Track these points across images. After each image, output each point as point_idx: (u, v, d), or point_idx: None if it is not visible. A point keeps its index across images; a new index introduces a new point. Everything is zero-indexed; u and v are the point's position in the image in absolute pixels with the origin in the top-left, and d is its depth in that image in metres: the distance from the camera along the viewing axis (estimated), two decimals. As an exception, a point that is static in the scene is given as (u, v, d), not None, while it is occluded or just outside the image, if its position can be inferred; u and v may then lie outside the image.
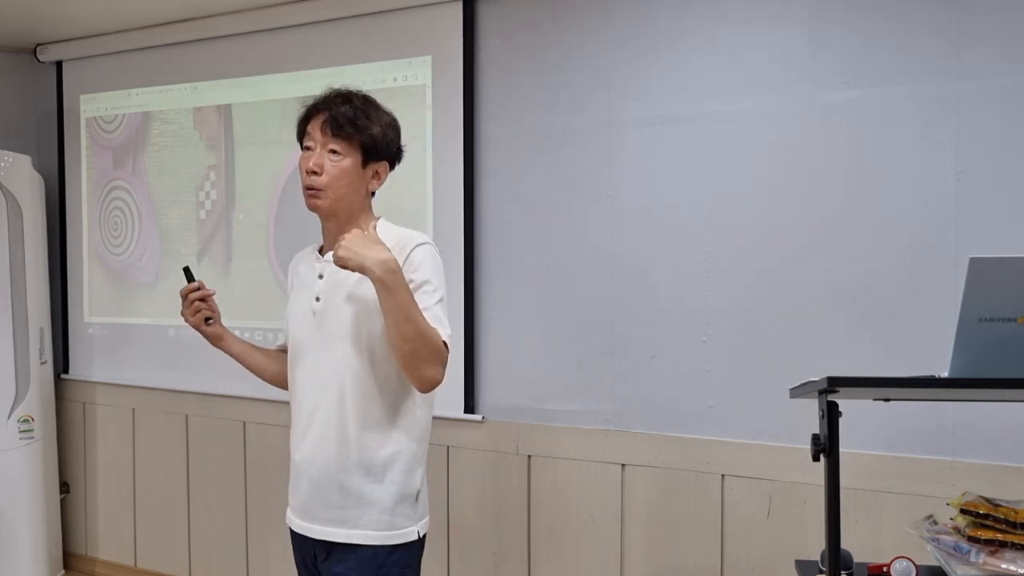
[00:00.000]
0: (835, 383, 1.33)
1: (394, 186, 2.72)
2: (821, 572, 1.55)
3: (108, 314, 3.60)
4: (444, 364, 1.61)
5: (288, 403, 1.80)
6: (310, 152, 1.69)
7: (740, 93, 2.36)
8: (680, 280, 2.45)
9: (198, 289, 1.79)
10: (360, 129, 1.67)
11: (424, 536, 1.73)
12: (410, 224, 1.81)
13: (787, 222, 2.31)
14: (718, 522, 2.41)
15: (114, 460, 3.59)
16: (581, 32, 2.58)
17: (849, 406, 1.45)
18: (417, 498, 1.71)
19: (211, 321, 1.81)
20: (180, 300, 1.79)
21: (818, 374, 1.38)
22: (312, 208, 1.71)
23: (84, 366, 3.67)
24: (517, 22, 2.68)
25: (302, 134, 1.73)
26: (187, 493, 3.40)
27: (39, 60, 3.68)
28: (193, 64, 3.33)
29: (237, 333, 1.90)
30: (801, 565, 1.78)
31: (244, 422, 3.24)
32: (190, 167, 3.37)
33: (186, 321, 1.80)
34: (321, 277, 1.73)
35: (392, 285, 1.51)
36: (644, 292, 2.50)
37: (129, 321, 3.53)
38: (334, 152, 1.67)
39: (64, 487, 3.70)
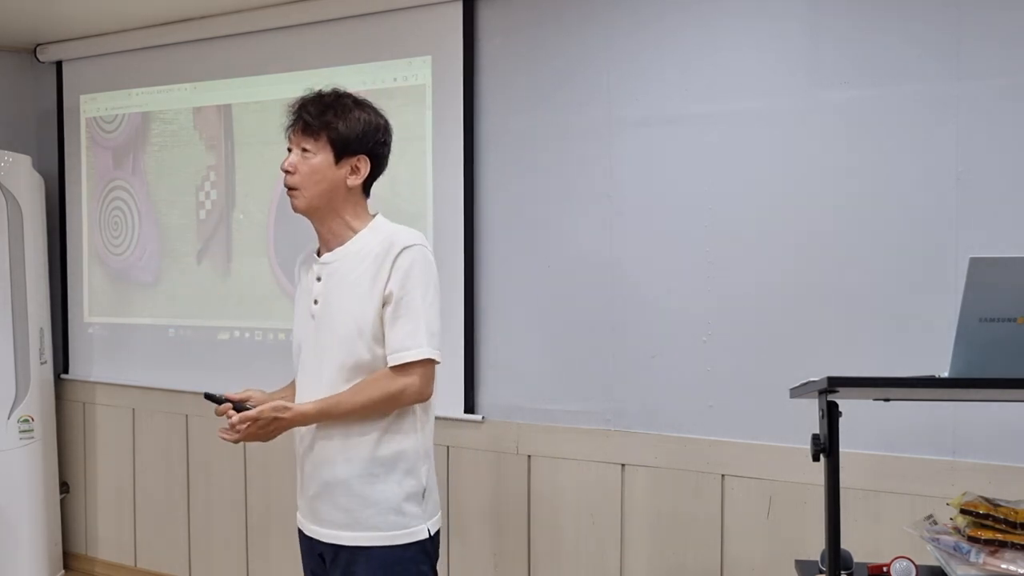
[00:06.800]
0: (835, 383, 1.33)
1: (394, 186, 2.76)
2: (821, 572, 1.55)
3: (108, 314, 3.59)
4: (416, 388, 1.64)
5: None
6: (288, 154, 1.72)
7: (740, 93, 2.35)
8: (680, 280, 2.44)
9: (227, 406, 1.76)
10: (326, 124, 1.68)
11: (436, 533, 1.74)
12: (410, 224, 1.80)
13: (787, 222, 2.31)
14: (718, 522, 2.41)
15: (114, 460, 3.58)
16: (581, 32, 2.58)
17: (849, 406, 1.45)
18: (424, 495, 1.70)
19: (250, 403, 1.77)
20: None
21: (818, 374, 1.38)
22: (293, 209, 1.74)
23: (84, 366, 3.67)
24: (517, 22, 2.68)
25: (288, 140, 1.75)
26: (187, 493, 3.40)
27: (39, 60, 3.68)
28: (193, 64, 3.33)
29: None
30: (801, 565, 1.78)
31: (244, 422, 3.23)
32: (190, 167, 3.36)
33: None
34: (319, 280, 1.74)
35: (317, 421, 1.65)
36: (644, 292, 2.50)
37: (129, 321, 3.52)
38: (306, 151, 1.70)
39: (64, 487, 3.70)
